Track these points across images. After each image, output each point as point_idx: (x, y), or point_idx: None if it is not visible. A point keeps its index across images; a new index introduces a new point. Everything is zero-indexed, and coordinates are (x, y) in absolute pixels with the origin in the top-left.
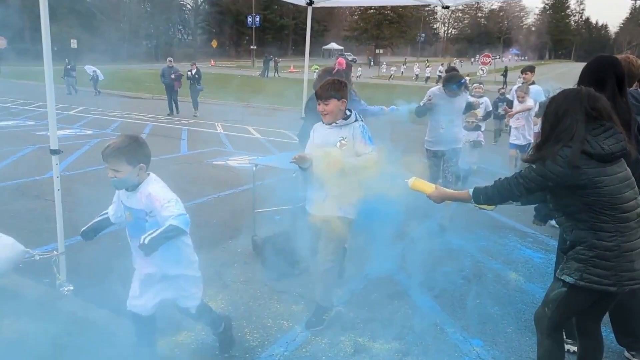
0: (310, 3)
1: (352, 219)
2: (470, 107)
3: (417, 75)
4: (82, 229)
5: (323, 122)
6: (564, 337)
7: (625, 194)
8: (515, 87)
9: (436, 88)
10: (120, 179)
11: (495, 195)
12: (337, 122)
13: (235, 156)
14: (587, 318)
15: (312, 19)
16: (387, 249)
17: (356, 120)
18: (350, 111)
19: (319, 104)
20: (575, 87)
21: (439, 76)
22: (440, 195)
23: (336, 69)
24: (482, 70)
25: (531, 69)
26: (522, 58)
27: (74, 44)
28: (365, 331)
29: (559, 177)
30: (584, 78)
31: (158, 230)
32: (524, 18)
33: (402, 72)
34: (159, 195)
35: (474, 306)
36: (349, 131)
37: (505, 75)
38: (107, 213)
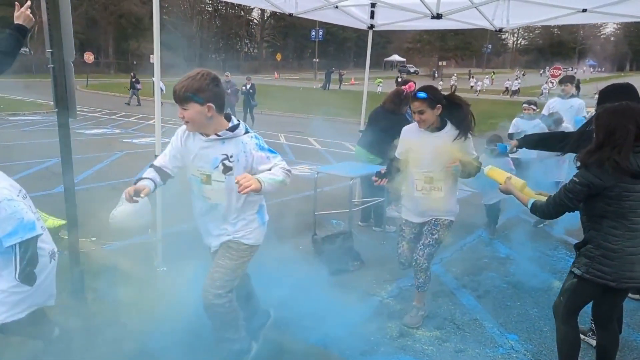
0: (371, 27)
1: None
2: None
3: (507, 88)
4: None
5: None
6: (592, 331)
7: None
8: (551, 101)
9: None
10: None
11: (552, 211)
12: (219, 133)
13: (297, 165)
14: (601, 311)
15: (374, 31)
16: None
17: (247, 132)
18: (238, 120)
19: (179, 109)
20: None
21: (514, 90)
22: (507, 189)
23: (405, 92)
24: (552, 82)
25: (571, 80)
26: (599, 69)
27: (152, 58)
28: None
29: (599, 188)
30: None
31: (17, 260)
32: (601, 27)
33: (472, 86)
34: None
35: (514, 307)
36: (236, 147)
37: (578, 88)
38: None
